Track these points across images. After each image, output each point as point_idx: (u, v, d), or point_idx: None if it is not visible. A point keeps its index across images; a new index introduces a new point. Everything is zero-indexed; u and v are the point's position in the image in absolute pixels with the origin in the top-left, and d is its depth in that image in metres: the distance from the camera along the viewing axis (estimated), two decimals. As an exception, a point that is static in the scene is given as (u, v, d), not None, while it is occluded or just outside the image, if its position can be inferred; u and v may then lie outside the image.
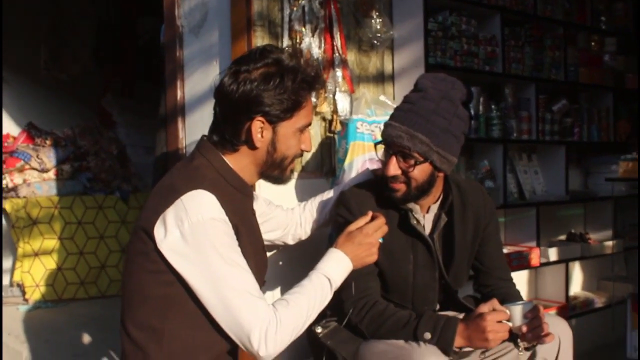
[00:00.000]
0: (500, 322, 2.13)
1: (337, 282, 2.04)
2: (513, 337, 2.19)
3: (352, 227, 2.12)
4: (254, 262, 1.96)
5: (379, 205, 2.38)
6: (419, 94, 2.28)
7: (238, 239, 1.90)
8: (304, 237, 2.65)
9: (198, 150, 2.04)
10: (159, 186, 2.00)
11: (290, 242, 2.62)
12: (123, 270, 2.02)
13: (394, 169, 2.26)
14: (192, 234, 1.81)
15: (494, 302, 2.17)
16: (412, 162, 2.23)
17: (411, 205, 2.37)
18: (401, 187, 2.29)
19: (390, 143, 2.26)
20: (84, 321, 4.50)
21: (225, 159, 2.01)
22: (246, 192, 2.06)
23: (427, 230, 2.42)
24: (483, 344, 2.14)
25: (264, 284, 2.15)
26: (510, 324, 2.15)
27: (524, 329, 2.13)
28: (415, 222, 2.36)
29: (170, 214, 1.84)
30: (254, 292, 1.85)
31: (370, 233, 2.10)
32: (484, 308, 2.15)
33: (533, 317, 2.13)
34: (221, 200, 1.87)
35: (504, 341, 2.19)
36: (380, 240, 2.13)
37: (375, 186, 2.43)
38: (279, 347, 1.85)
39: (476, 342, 2.15)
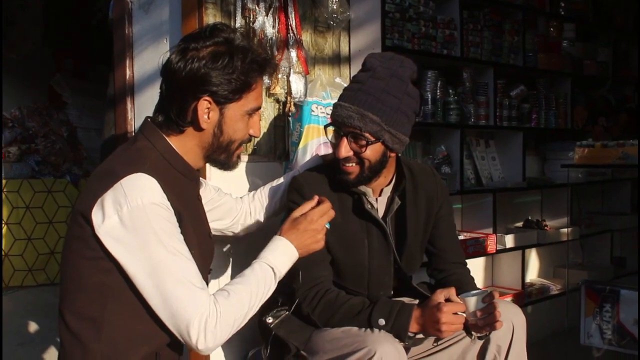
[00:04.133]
0: (455, 313, 2.09)
1: (282, 271, 1.96)
2: (465, 325, 2.16)
3: (297, 213, 2.04)
4: (198, 250, 1.88)
5: (332, 189, 2.34)
6: (367, 73, 2.23)
7: (181, 225, 1.81)
8: (255, 228, 2.58)
9: (141, 132, 1.95)
10: (99, 169, 1.90)
11: (241, 232, 2.55)
12: (61, 257, 1.92)
13: (345, 150, 2.20)
14: (132, 220, 1.72)
15: (451, 291, 2.14)
16: (364, 142, 2.18)
17: (363, 188, 2.32)
18: (354, 170, 2.24)
19: (341, 124, 2.21)
20: (31, 309, 4.40)
21: (169, 141, 1.91)
22: (191, 177, 1.98)
23: (380, 214, 2.38)
24: (436, 334, 2.13)
25: (209, 273, 2.08)
26: (465, 316, 2.12)
27: (478, 314, 2.10)
28: (369, 206, 2.32)
29: (108, 198, 1.73)
30: (195, 281, 1.76)
31: (315, 219, 2.01)
32: (440, 297, 2.12)
33: (488, 304, 2.10)
34: (163, 185, 1.77)
35: None
36: (327, 226, 2.05)
37: (327, 170, 2.38)
38: (219, 340, 1.78)
39: (430, 330, 2.13)
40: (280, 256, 1.96)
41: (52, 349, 3.66)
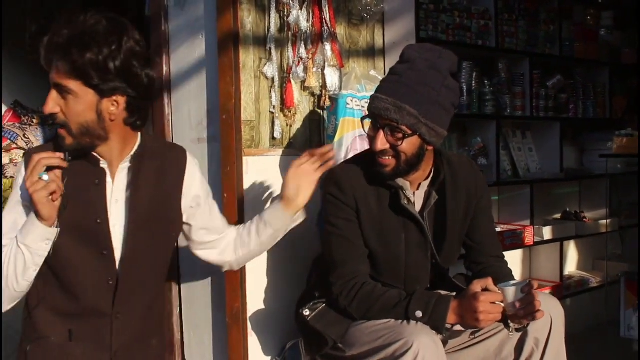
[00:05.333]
0: (493, 303, 2.08)
1: (29, 243, 1.82)
2: (504, 317, 2.14)
3: None
4: (70, 230, 1.86)
5: (369, 182, 2.33)
6: (405, 65, 2.21)
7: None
8: (235, 268, 2.47)
9: None
10: None
11: (225, 265, 2.44)
12: None
13: (381, 143, 2.19)
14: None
15: (488, 281, 2.13)
16: (400, 135, 2.16)
17: (401, 182, 2.31)
18: (390, 162, 2.23)
19: (377, 116, 2.20)
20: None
21: None
22: (91, 161, 1.92)
23: (418, 208, 2.37)
24: (474, 324, 2.11)
25: (103, 255, 1.96)
26: (503, 305, 2.10)
27: (517, 304, 2.07)
28: (406, 201, 2.30)
29: None
30: None
31: (28, 179, 1.79)
32: (477, 287, 2.11)
33: (527, 294, 2.08)
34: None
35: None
36: (45, 178, 1.77)
37: (364, 163, 2.36)
38: None
39: (468, 321, 2.12)
40: (27, 228, 1.84)
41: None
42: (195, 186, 2.19)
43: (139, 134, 2.01)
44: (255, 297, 2.86)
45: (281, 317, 2.87)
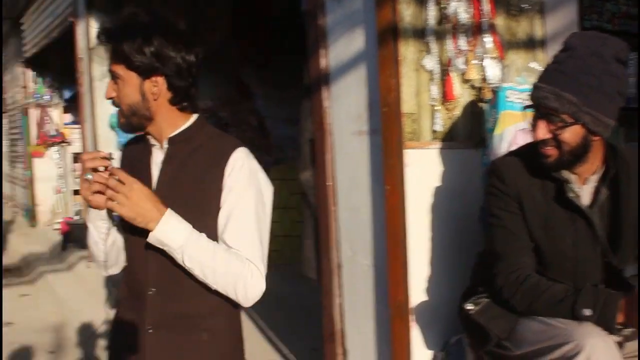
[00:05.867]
0: None
1: (91, 221, 2.09)
2: None
3: None
4: None
5: (533, 174, 2.28)
6: (566, 53, 2.16)
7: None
8: None
9: None
10: None
11: None
12: None
13: (542, 132, 2.15)
14: None
15: None
16: (561, 124, 2.11)
17: (566, 174, 2.24)
18: (553, 153, 2.17)
19: (538, 105, 2.16)
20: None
21: None
22: (145, 143, 2.13)
23: (586, 203, 2.27)
24: None
25: None
26: None
27: None
28: (572, 194, 2.22)
29: None
30: None
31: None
32: None
33: None
34: (127, 147, 2.19)
35: None
36: (89, 177, 1.92)
37: (528, 154, 2.31)
38: None
39: (635, 322, 2.02)
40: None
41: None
42: (231, 181, 2.03)
43: (192, 117, 2.07)
44: (419, 290, 2.87)
45: (444, 311, 2.86)
